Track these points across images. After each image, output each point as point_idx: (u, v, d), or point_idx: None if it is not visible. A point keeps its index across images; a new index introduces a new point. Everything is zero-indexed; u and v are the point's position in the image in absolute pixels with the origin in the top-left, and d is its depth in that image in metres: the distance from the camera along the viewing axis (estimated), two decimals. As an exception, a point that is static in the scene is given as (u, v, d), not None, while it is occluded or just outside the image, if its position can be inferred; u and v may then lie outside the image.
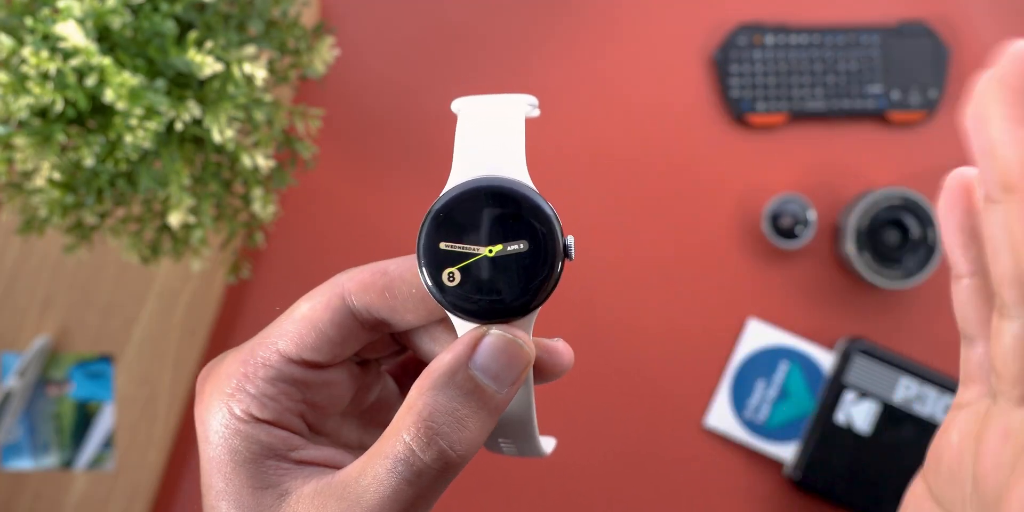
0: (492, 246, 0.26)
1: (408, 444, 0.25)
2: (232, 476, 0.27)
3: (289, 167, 0.56)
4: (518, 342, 0.26)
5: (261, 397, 0.27)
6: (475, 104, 0.28)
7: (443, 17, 0.70)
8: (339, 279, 0.28)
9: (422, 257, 0.27)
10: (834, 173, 0.70)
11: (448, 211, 0.27)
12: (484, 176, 0.27)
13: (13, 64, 0.45)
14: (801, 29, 0.70)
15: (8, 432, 0.64)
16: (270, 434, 0.27)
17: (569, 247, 0.26)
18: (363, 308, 0.28)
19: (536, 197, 0.27)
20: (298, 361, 0.28)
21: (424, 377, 0.26)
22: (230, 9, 0.51)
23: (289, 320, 0.28)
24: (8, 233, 0.63)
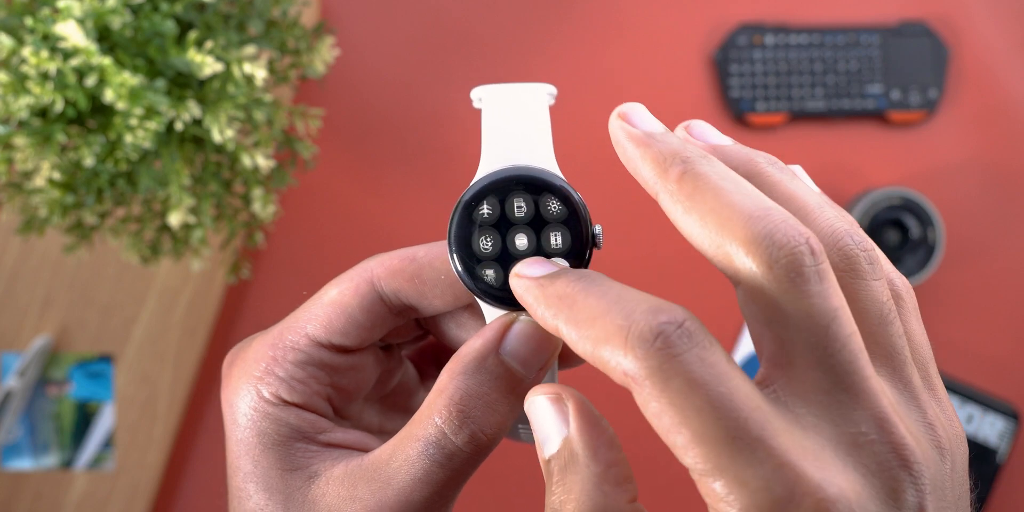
0: (522, 234, 0.27)
1: (440, 427, 0.25)
2: (260, 458, 0.27)
3: (289, 167, 0.56)
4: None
5: (290, 380, 0.27)
6: (500, 92, 0.29)
7: (443, 17, 0.70)
8: (368, 264, 0.29)
9: (453, 245, 0.27)
10: (834, 173, 0.70)
11: (478, 199, 0.27)
12: (514, 165, 0.27)
13: (13, 64, 0.45)
14: (801, 29, 0.70)
15: (8, 432, 0.64)
16: (299, 417, 0.27)
17: (598, 236, 0.27)
18: (392, 293, 0.28)
19: (565, 185, 0.27)
20: (327, 345, 0.28)
21: (455, 362, 0.26)
22: (230, 9, 0.51)
23: (318, 304, 0.28)
24: (8, 233, 0.63)
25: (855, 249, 0.23)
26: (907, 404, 0.22)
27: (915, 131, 0.71)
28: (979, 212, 0.71)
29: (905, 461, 0.20)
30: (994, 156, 0.71)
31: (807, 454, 0.20)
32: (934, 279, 0.69)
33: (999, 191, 0.71)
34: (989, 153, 0.71)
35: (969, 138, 0.71)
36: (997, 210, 0.71)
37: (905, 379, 0.23)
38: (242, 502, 0.27)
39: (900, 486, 0.20)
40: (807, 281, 0.21)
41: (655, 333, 0.21)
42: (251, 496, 0.27)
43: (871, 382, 0.21)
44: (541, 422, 0.24)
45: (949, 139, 0.71)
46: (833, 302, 0.21)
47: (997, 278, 0.71)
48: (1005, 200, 0.71)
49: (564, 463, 0.23)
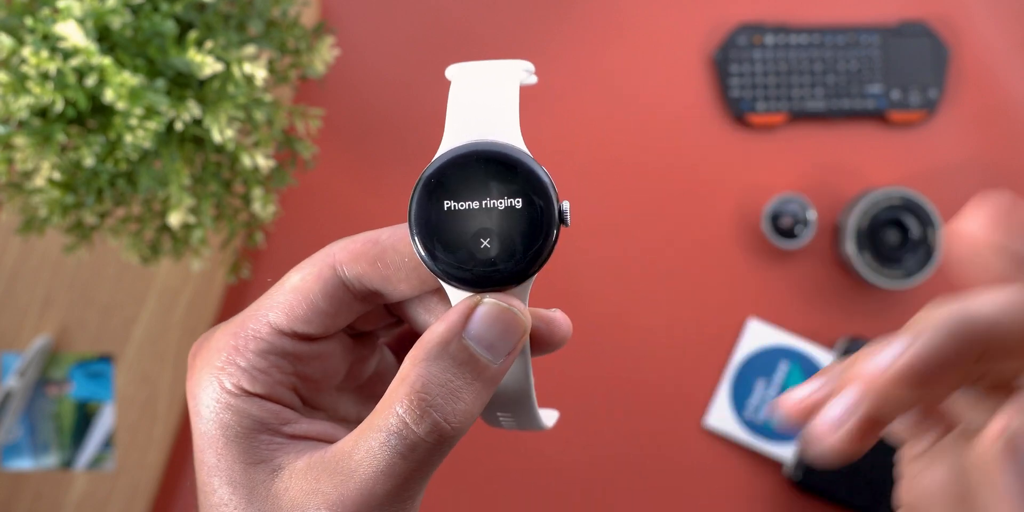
0: (486, 213, 0.25)
1: (401, 416, 0.24)
2: (224, 451, 0.26)
3: (289, 167, 0.56)
4: (513, 311, 0.26)
5: (252, 370, 0.27)
6: (468, 69, 0.28)
7: (443, 17, 0.70)
8: (331, 249, 0.28)
9: (413, 225, 0.26)
10: (834, 173, 0.70)
11: (439, 177, 0.26)
12: (476, 141, 0.26)
13: (13, 64, 0.45)
14: (801, 29, 0.70)
15: (8, 432, 0.64)
16: (262, 408, 0.27)
17: (565, 213, 0.26)
18: (355, 278, 0.27)
19: (530, 161, 0.26)
20: (289, 333, 0.27)
21: (417, 348, 0.25)
22: (230, 9, 0.51)
23: (280, 291, 0.28)
24: (8, 233, 0.63)
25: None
26: None
27: (915, 131, 0.71)
28: (979, 212, 0.71)
29: None
30: (994, 156, 0.71)
31: None
32: (934, 279, 0.69)
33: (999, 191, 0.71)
34: (989, 153, 0.71)
35: (969, 138, 0.71)
36: (997, 210, 0.71)
37: None
38: (207, 496, 0.26)
39: None
40: None
41: None
42: (215, 490, 0.26)
43: None
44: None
45: (949, 139, 0.71)
46: None
47: (997, 278, 0.71)
48: (1005, 200, 0.71)
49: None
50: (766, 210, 0.68)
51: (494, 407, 0.29)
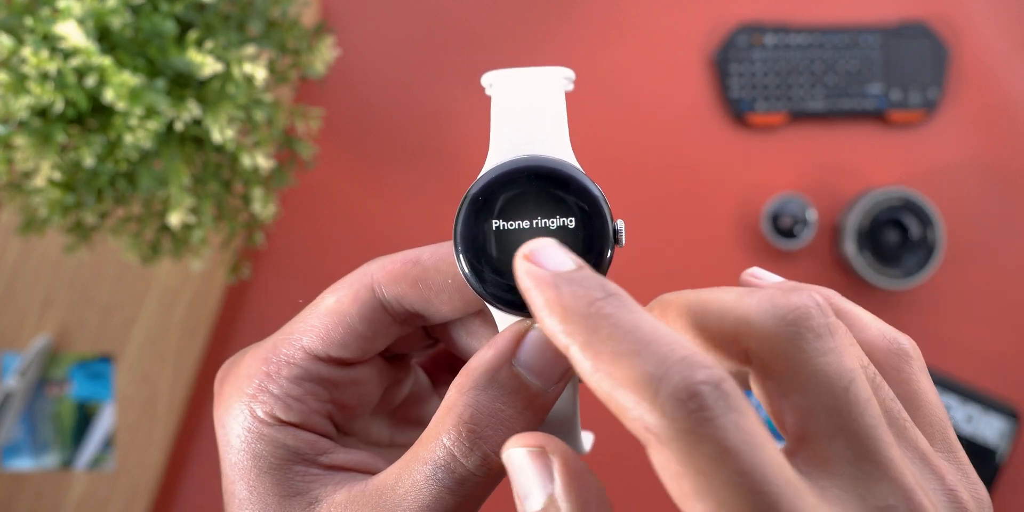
0: (537, 233, 0.24)
1: (449, 448, 0.23)
2: (256, 483, 0.25)
3: (289, 167, 0.56)
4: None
5: (286, 398, 0.25)
6: (511, 78, 0.26)
7: (443, 17, 0.70)
8: (368, 269, 0.26)
9: (459, 244, 0.24)
10: (834, 173, 0.70)
11: (487, 194, 0.24)
12: (525, 156, 0.24)
13: (13, 64, 0.45)
14: (801, 29, 0.70)
15: (8, 432, 0.64)
16: (296, 438, 0.25)
17: (619, 232, 0.24)
18: (394, 300, 0.26)
19: (583, 177, 0.24)
20: (325, 358, 0.26)
21: (464, 375, 0.24)
22: (230, 9, 0.51)
23: (314, 314, 0.26)
24: (8, 233, 0.63)
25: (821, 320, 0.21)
26: (922, 472, 0.21)
27: (915, 131, 0.71)
28: (979, 212, 0.71)
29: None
30: (994, 156, 0.71)
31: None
32: (934, 279, 0.69)
33: (999, 191, 0.71)
34: (989, 153, 0.71)
35: (969, 138, 0.71)
36: (997, 210, 0.71)
37: (911, 444, 0.21)
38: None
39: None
40: (819, 336, 0.20)
41: (690, 392, 0.18)
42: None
43: (893, 451, 0.20)
44: (521, 476, 0.22)
45: (949, 139, 0.71)
46: (848, 362, 0.20)
47: (997, 278, 0.71)
48: (1005, 200, 0.71)
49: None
50: (766, 210, 0.68)
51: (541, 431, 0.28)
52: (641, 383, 0.19)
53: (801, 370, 0.20)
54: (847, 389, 0.20)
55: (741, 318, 0.21)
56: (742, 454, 0.18)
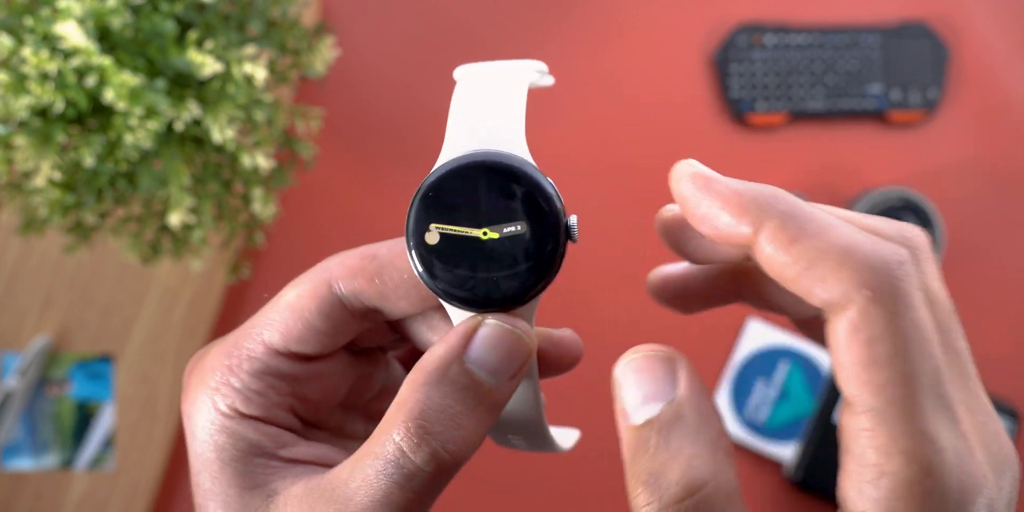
0: (487, 227, 0.24)
1: (398, 444, 0.23)
2: (219, 475, 0.25)
3: (289, 167, 0.56)
4: (517, 333, 0.24)
5: (247, 391, 0.26)
6: (473, 71, 0.26)
7: (443, 17, 0.70)
8: (327, 264, 0.26)
9: (411, 241, 0.24)
10: (834, 173, 0.70)
11: (439, 189, 0.24)
12: (478, 150, 0.24)
13: (13, 64, 0.45)
14: (801, 29, 0.70)
15: (8, 432, 0.64)
16: (257, 431, 0.26)
17: (572, 227, 0.24)
18: (352, 295, 0.26)
19: (535, 173, 0.24)
20: (285, 353, 0.26)
21: (416, 372, 0.24)
22: (230, 9, 0.51)
23: (275, 309, 0.26)
24: (8, 233, 0.63)
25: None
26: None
27: (915, 131, 0.71)
28: (979, 212, 0.71)
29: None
30: (994, 156, 0.71)
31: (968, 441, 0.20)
32: (934, 279, 0.69)
33: (999, 191, 0.71)
34: (989, 153, 0.71)
35: (969, 138, 0.71)
36: (997, 210, 0.71)
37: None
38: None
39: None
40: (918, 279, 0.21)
41: (901, 259, 0.20)
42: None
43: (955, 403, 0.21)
44: (639, 383, 0.22)
45: (949, 139, 0.71)
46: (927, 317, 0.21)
47: (997, 278, 0.71)
48: (1005, 200, 0.71)
49: (668, 427, 0.21)
50: (766, 210, 0.68)
51: (503, 429, 0.27)
52: (854, 247, 0.20)
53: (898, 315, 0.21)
54: (951, 310, 0.22)
55: (869, 226, 0.22)
56: (931, 330, 0.20)
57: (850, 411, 0.20)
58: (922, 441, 0.20)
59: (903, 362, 0.20)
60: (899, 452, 0.20)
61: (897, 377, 0.20)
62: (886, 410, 0.20)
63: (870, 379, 0.20)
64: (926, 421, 0.20)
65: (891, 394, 0.20)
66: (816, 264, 0.21)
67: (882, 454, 0.20)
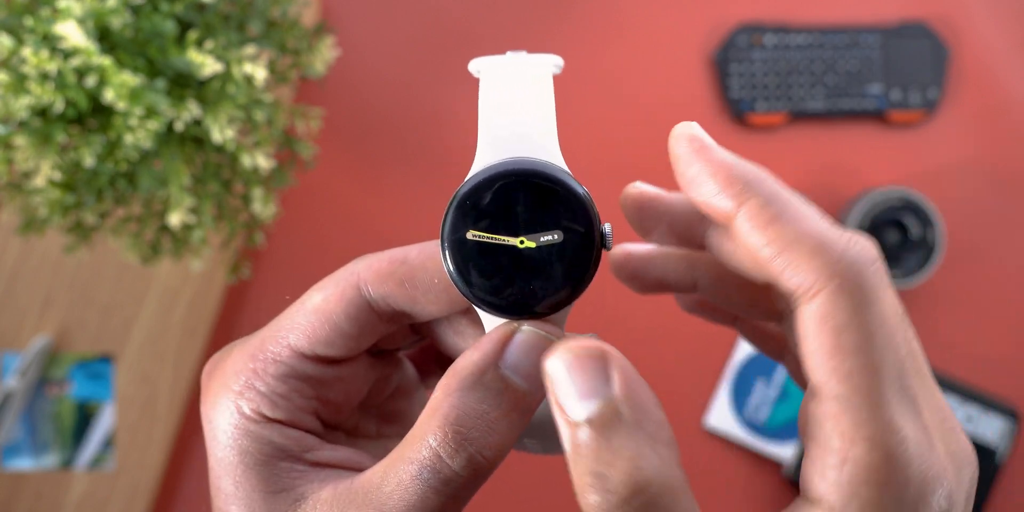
0: (523, 236, 0.24)
1: (435, 449, 0.23)
2: (242, 479, 0.25)
3: (289, 167, 0.56)
4: (551, 339, 0.24)
5: (272, 395, 0.26)
6: (498, 67, 0.26)
7: (443, 17, 0.70)
8: (355, 267, 0.26)
9: (447, 247, 0.24)
10: (834, 173, 0.70)
11: (475, 197, 0.24)
12: (514, 158, 0.25)
13: (13, 64, 0.45)
14: (801, 29, 0.70)
15: (8, 432, 0.64)
16: (283, 434, 0.25)
17: (607, 236, 0.24)
18: (381, 299, 0.26)
19: (571, 181, 0.24)
20: (311, 356, 0.26)
21: (450, 376, 0.24)
22: (230, 9, 0.51)
23: (301, 312, 0.26)
24: (8, 233, 0.63)
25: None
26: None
27: (915, 131, 0.71)
28: (979, 212, 0.71)
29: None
30: (994, 156, 0.71)
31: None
32: (934, 279, 0.69)
33: (999, 191, 0.71)
34: (989, 153, 0.71)
35: (969, 138, 0.71)
36: (997, 210, 0.71)
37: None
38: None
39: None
40: (882, 281, 0.22)
41: (873, 254, 0.21)
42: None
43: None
44: (574, 381, 0.22)
45: (949, 139, 0.71)
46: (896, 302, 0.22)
47: (997, 278, 0.71)
48: (1005, 200, 0.71)
49: (606, 425, 0.21)
50: (766, 210, 0.68)
51: (522, 433, 0.27)
52: (831, 236, 0.21)
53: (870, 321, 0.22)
54: (904, 315, 0.22)
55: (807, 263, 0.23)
56: (902, 323, 0.21)
57: (816, 398, 0.21)
58: (886, 429, 0.20)
59: (870, 352, 0.20)
60: (863, 438, 0.20)
61: (864, 366, 0.20)
62: (852, 397, 0.20)
63: (837, 367, 0.20)
64: (891, 410, 0.20)
65: (857, 382, 0.20)
66: (791, 248, 0.21)
67: (846, 440, 0.20)
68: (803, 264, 0.21)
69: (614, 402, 0.22)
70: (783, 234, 0.21)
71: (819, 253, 0.21)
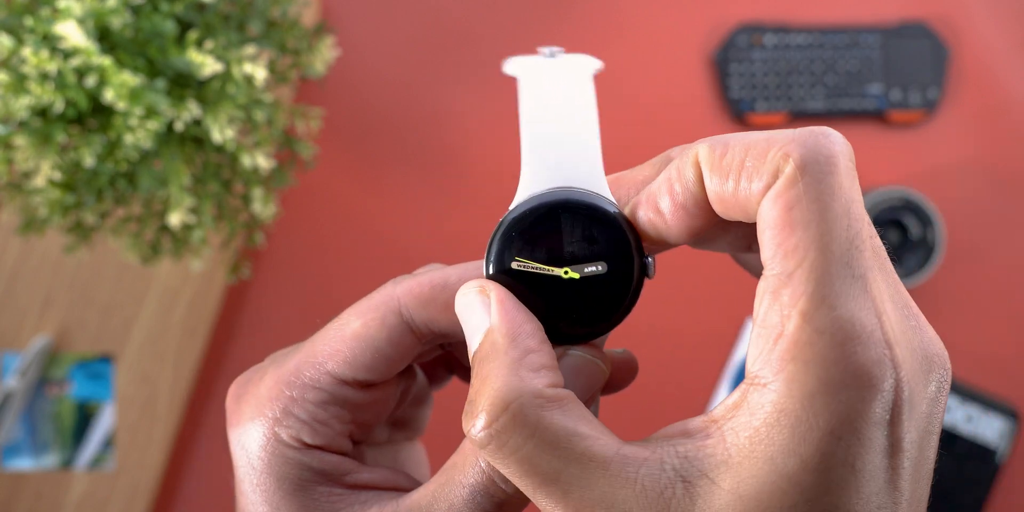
0: (568, 267, 0.24)
1: (488, 474, 0.23)
2: (281, 505, 0.25)
3: (289, 167, 0.56)
4: (597, 362, 0.25)
5: (312, 422, 0.25)
6: (540, 72, 0.26)
7: (443, 17, 0.70)
8: (392, 291, 0.26)
9: (492, 275, 0.24)
10: (834, 173, 0.70)
11: (521, 226, 0.24)
12: (561, 188, 0.25)
13: (13, 64, 0.45)
14: (801, 29, 0.70)
15: (8, 432, 0.64)
16: (321, 460, 0.25)
17: (649, 266, 0.25)
18: (423, 324, 0.26)
19: (616, 213, 0.25)
20: (350, 382, 0.26)
21: None
22: (230, 9, 0.51)
23: (339, 338, 0.26)
24: (8, 233, 0.63)
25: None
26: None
27: (915, 131, 0.71)
28: (979, 212, 0.71)
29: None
30: (994, 156, 0.71)
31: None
32: (934, 279, 0.69)
33: (999, 191, 0.71)
34: (989, 153, 0.71)
35: (969, 138, 0.71)
36: (997, 210, 0.71)
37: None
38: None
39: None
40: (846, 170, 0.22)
41: (829, 132, 0.22)
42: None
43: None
44: (468, 319, 0.23)
45: (949, 139, 0.71)
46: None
47: (997, 278, 0.71)
48: (1005, 200, 0.71)
49: (485, 354, 0.22)
50: (766, 210, 0.68)
51: None
52: (779, 133, 0.21)
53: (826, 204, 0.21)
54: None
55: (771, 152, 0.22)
56: (855, 201, 0.20)
57: (763, 280, 0.20)
58: (822, 304, 0.19)
59: (817, 226, 0.20)
60: (798, 313, 0.19)
61: (809, 241, 0.20)
62: (794, 273, 0.20)
63: (782, 242, 0.20)
64: (833, 287, 0.19)
65: (800, 257, 0.20)
66: (749, 155, 0.21)
67: (783, 316, 0.20)
68: (760, 167, 0.21)
69: (489, 332, 0.23)
70: (735, 156, 0.21)
71: (770, 147, 0.21)
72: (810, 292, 0.19)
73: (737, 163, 0.21)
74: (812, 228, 0.20)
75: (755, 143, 0.21)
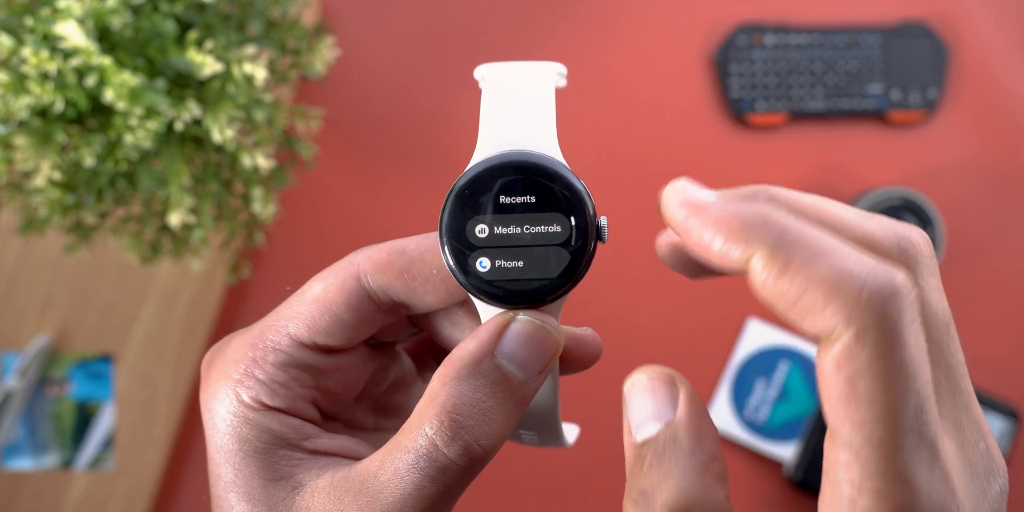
0: (521, 227, 0.25)
1: (431, 438, 0.24)
2: (242, 466, 0.25)
3: (289, 167, 0.56)
4: (547, 328, 0.25)
5: (271, 383, 0.26)
6: (502, 72, 0.26)
7: (443, 17, 0.70)
8: (354, 258, 0.27)
9: (444, 237, 0.25)
10: (834, 173, 0.70)
11: (473, 187, 0.25)
12: (512, 150, 0.25)
13: (13, 64, 0.45)
14: (801, 29, 0.70)
15: (8, 432, 0.64)
16: (281, 422, 0.26)
17: (602, 228, 0.25)
18: (380, 290, 0.26)
19: (568, 174, 0.25)
20: (310, 345, 0.26)
21: (446, 366, 0.24)
22: (230, 9, 0.51)
23: (301, 302, 0.26)
24: (8, 233, 0.63)
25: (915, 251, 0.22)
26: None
27: (915, 131, 0.71)
28: (979, 212, 0.71)
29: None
30: (994, 156, 0.71)
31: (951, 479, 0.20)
32: (934, 279, 0.69)
33: (999, 191, 0.71)
34: (989, 153, 0.71)
35: (969, 138, 0.71)
36: (997, 210, 0.71)
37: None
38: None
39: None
40: (931, 271, 0.21)
41: (894, 290, 0.19)
42: (233, 507, 0.25)
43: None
44: (642, 404, 0.23)
45: (949, 139, 0.71)
46: (944, 301, 0.21)
47: (997, 278, 0.71)
48: (1005, 200, 0.71)
49: (663, 448, 0.22)
50: (766, 210, 0.68)
51: (519, 425, 0.28)
52: (844, 279, 0.19)
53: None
54: (948, 324, 0.21)
55: (866, 235, 0.22)
56: (922, 367, 0.19)
57: (831, 441, 0.20)
58: (896, 482, 0.19)
59: (883, 401, 0.19)
60: (871, 490, 0.19)
61: (876, 416, 0.19)
62: (863, 448, 0.20)
63: (849, 415, 0.20)
64: (903, 462, 0.19)
65: (869, 432, 0.19)
66: (805, 296, 0.20)
67: (855, 489, 0.20)
68: (818, 313, 0.20)
69: (674, 427, 0.22)
70: (794, 284, 0.20)
71: (832, 299, 0.20)
72: (883, 471, 0.19)
73: (793, 295, 0.20)
74: (878, 404, 0.20)
75: (818, 278, 0.20)
